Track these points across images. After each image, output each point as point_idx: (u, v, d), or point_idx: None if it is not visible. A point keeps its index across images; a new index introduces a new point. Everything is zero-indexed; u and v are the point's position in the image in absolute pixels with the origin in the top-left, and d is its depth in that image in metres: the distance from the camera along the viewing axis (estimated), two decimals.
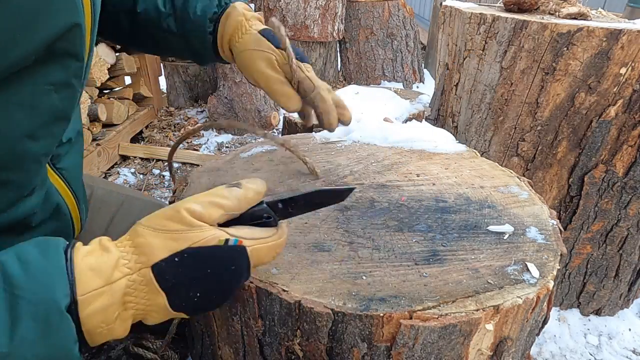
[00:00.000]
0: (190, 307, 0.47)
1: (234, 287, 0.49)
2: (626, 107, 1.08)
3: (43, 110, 0.52)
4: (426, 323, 0.52)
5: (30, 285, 0.37)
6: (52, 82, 0.51)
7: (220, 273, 0.46)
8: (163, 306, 0.45)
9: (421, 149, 1.00)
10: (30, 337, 0.35)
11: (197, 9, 0.76)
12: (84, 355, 1.21)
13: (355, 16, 3.43)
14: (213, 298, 0.48)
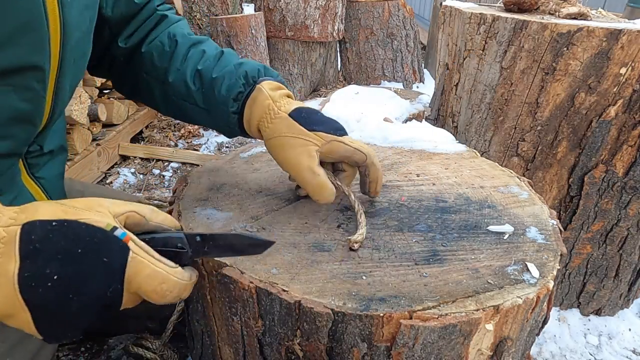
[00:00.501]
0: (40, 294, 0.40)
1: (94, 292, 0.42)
2: (626, 107, 1.08)
3: (4, 110, 0.52)
4: (426, 323, 0.52)
5: None
6: (9, 83, 0.51)
7: (89, 258, 0.42)
8: (10, 276, 0.39)
9: (421, 149, 1.00)
10: None
11: (222, 87, 0.75)
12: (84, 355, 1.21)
13: (355, 16, 3.43)
14: (68, 291, 0.41)
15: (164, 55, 0.79)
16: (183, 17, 0.88)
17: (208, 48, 0.80)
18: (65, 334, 0.43)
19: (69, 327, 0.42)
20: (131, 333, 1.18)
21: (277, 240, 0.66)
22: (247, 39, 2.82)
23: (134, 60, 0.82)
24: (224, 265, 0.61)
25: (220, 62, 0.78)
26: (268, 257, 0.63)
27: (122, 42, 0.79)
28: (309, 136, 0.69)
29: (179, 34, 0.81)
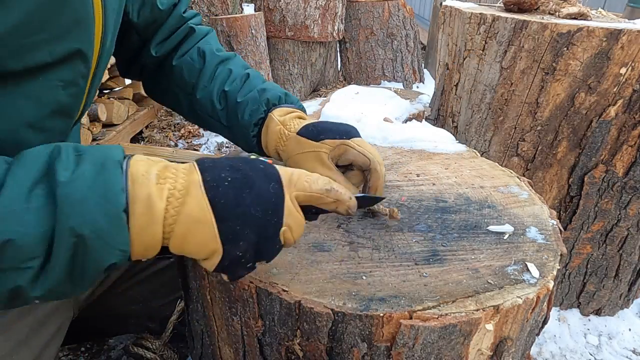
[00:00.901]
0: (220, 192, 0.47)
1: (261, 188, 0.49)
2: (626, 107, 1.08)
3: (48, 103, 0.55)
4: (426, 323, 0.52)
5: (93, 149, 0.45)
6: (62, 79, 0.55)
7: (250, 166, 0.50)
8: (196, 181, 0.47)
9: (421, 149, 1.00)
10: (86, 174, 0.42)
11: (245, 112, 0.79)
12: (84, 355, 1.21)
13: (355, 16, 3.43)
14: (242, 187, 0.48)
15: (193, 71, 0.84)
16: (211, 29, 0.92)
17: (235, 67, 0.85)
18: (240, 236, 0.47)
19: (245, 226, 0.47)
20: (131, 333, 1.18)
21: None
22: (247, 39, 2.82)
23: (164, 70, 0.87)
24: None
25: (246, 86, 0.82)
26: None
27: (153, 50, 0.84)
28: (317, 146, 0.72)
29: (208, 51, 0.86)
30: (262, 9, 3.13)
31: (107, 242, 0.42)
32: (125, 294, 1.01)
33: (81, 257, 0.42)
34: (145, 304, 1.04)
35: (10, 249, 0.39)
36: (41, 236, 0.40)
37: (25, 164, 0.42)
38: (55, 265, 0.41)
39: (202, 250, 0.48)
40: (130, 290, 1.01)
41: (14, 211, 0.39)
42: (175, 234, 0.46)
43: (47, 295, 0.43)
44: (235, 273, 0.52)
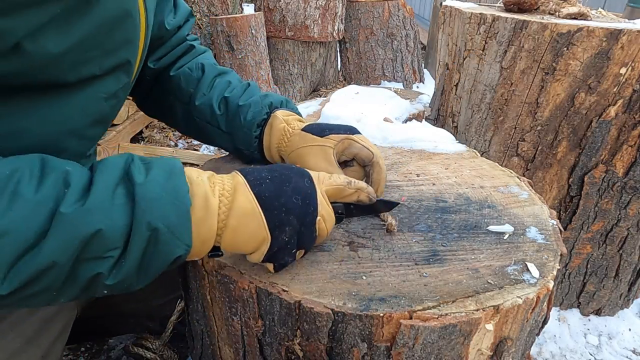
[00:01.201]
0: (263, 187, 0.54)
1: (297, 183, 0.56)
2: (626, 107, 1.08)
3: (92, 113, 0.59)
4: (426, 323, 0.52)
5: (156, 160, 0.52)
6: (106, 91, 0.59)
7: (285, 167, 0.59)
8: (242, 182, 0.54)
9: (421, 149, 1.00)
10: (158, 178, 0.49)
11: (248, 114, 0.82)
12: (84, 355, 1.22)
13: (355, 16, 3.43)
14: (280, 182, 0.55)
15: (191, 81, 0.86)
16: (208, 49, 0.96)
17: (233, 79, 0.88)
18: (285, 223, 0.54)
19: (289, 213, 0.54)
20: (131, 333, 1.18)
21: None
22: (247, 39, 2.82)
23: (160, 81, 0.89)
24: (224, 265, 0.61)
25: (247, 92, 0.85)
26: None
27: (151, 64, 0.85)
28: (322, 141, 0.75)
29: (207, 64, 0.89)
30: (262, 9, 3.13)
31: (176, 236, 0.48)
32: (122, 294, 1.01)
33: (152, 249, 0.47)
34: (145, 303, 1.04)
35: (99, 239, 0.44)
36: (123, 229, 0.46)
37: (107, 169, 0.48)
38: (130, 256, 0.46)
39: (253, 239, 0.54)
40: None
41: (103, 206, 0.45)
42: (228, 227, 0.52)
43: (116, 286, 0.48)
44: (281, 260, 0.57)
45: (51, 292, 0.45)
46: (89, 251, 0.44)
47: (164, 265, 0.49)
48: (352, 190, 0.64)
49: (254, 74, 2.90)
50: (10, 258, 0.41)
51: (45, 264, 0.43)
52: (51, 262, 0.43)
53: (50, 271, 0.43)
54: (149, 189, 0.47)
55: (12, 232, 0.41)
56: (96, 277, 0.46)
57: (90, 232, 0.44)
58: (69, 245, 0.43)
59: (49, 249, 0.42)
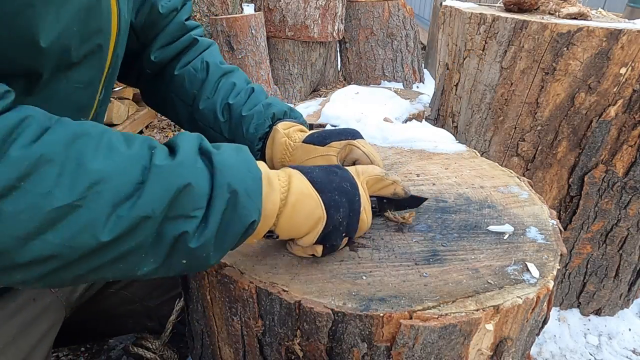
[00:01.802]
0: (319, 182, 0.57)
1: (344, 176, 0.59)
2: (626, 107, 1.08)
3: (71, 103, 0.60)
4: (426, 323, 0.52)
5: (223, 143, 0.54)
6: (81, 80, 0.60)
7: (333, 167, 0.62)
8: (295, 172, 0.58)
9: (421, 149, 1.00)
10: (229, 151, 0.52)
11: (250, 126, 0.81)
12: (83, 355, 1.22)
13: (355, 16, 3.43)
14: (332, 177, 0.59)
15: (195, 82, 0.85)
16: (213, 42, 0.93)
17: (238, 80, 0.87)
18: (339, 203, 0.57)
19: (341, 195, 0.58)
20: (130, 333, 1.18)
21: (278, 241, 0.66)
22: (247, 39, 2.82)
23: (164, 78, 0.87)
24: (224, 265, 0.61)
25: (251, 100, 0.84)
26: (268, 257, 0.63)
27: (153, 56, 0.84)
28: (325, 150, 0.74)
29: (212, 63, 0.87)
30: (262, 9, 3.13)
31: (253, 200, 0.50)
32: (118, 294, 1.00)
33: (231, 211, 0.49)
34: (141, 304, 1.03)
35: (187, 195, 0.46)
36: (206, 189, 0.47)
37: (184, 140, 0.50)
38: (212, 217, 0.47)
39: (310, 218, 0.56)
40: (124, 290, 1.01)
41: (190, 165, 0.47)
42: (287, 205, 0.54)
43: (197, 251, 0.48)
44: (333, 241, 0.59)
45: (142, 251, 0.45)
46: (177, 207, 0.45)
47: (240, 230, 0.50)
48: (389, 182, 0.65)
49: (254, 74, 2.90)
50: (111, 203, 0.42)
51: (142, 213, 0.43)
52: (148, 213, 0.43)
53: (145, 224, 0.44)
54: (225, 157, 0.50)
55: (113, 179, 0.42)
56: (181, 237, 0.46)
57: (182, 184, 0.45)
58: (163, 196, 0.44)
59: (146, 198, 0.43)
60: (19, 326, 0.75)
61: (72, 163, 0.41)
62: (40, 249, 0.40)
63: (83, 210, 0.40)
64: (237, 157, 0.52)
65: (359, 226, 0.61)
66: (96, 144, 0.44)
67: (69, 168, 0.41)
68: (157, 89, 0.89)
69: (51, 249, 0.40)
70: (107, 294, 0.99)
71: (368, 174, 0.64)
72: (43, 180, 0.39)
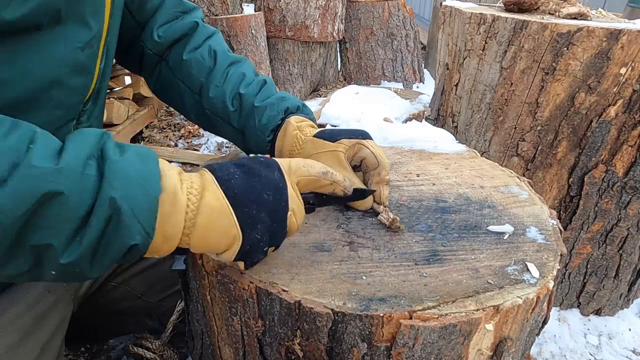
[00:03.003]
0: (232, 183, 0.52)
1: (267, 176, 0.55)
2: (626, 107, 1.08)
3: (70, 62, 0.61)
4: (426, 323, 0.52)
5: (131, 145, 0.50)
6: (79, 41, 0.61)
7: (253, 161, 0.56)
8: (210, 179, 0.53)
9: (421, 149, 1.00)
10: (131, 159, 0.47)
11: (263, 117, 0.80)
12: (83, 355, 1.22)
13: (355, 16, 3.43)
14: (250, 177, 0.54)
15: (203, 69, 0.84)
16: (217, 30, 0.92)
17: (247, 71, 0.85)
18: (257, 220, 0.53)
19: (260, 209, 0.53)
20: (131, 332, 1.18)
21: None
22: (247, 39, 2.82)
23: (169, 63, 0.86)
24: (224, 265, 0.61)
25: (263, 92, 0.83)
26: (268, 257, 0.63)
27: (155, 34, 0.83)
28: (334, 146, 0.74)
29: (219, 51, 0.86)
30: (262, 9, 3.13)
31: (139, 220, 0.45)
32: (119, 289, 1.01)
33: (111, 231, 0.45)
34: (142, 299, 1.04)
35: (58, 203, 0.42)
36: (85, 202, 0.43)
37: (80, 138, 0.47)
38: (88, 234, 0.44)
39: (224, 237, 0.52)
40: (125, 284, 1.01)
41: (72, 170, 0.43)
42: (197, 226, 0.50)
43: (68, 267, 0.44)
44: (253, 258, 0.56)
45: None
46: (41, 216, 0.41)
47: (119, 252, 0.46)
48: (327, 182, 0.62)
49: None
50: None
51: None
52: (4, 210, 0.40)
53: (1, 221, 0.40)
54: (121, 166, 0.46)
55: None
56: (47, 250, 0.43)
57: (50, 191, 0.41)
58: (23, 201, 0.40)
59: (4, 196, 0.39)
60: (36, 317, 0.76)
61: None
62: None
63: None
64: (137, 169, 0.47)
65: (286, 232, 0.57)
66: None
67: None
68: (161, 75, 0.88)
69: None
70: (107, 287, 0.99)
71: (301, 173, 0.59)
72: None
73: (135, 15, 0.82)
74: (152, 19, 0.84)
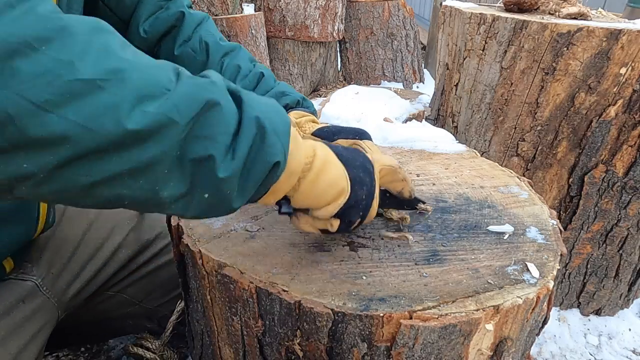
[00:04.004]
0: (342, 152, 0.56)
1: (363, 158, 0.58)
2: (626, 107, 1.08)
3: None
4: (426, 323, 0.52)
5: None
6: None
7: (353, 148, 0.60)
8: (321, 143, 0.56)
9: (421, 149, 1.00)
10: (259, 97, 0.48)
11: None
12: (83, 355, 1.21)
13: (355, 16, 3.43)
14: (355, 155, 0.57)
15: (195, 64, 0.81)
16: (207, 15, 0.87)
17: (243, 62, 0.83)
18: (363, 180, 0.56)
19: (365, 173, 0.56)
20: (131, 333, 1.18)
21: (277, 241, 0.66)
22: (247, 39, 2.82)
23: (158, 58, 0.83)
24: (224, 265, 0.61)
25: (261, 86, 0.81)
26: (268, 257, 0.63)
27: (141, 29, 0.79)
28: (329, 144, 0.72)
29: (211, 42, 0.82)
30: (262, 9, 3.13)
31: (280, 139, 0.47)
32: (116, 297, 0.99)
33: (257, 147, 0.45)
34: (140, 306, 1.03)
35: (215, 114, 0.42)
36: (235, 116, 0.44)
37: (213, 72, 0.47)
38: (239, 148, 0.44)
39: (333, 188, 0.53)
40: (122, 292, 1.00)
41: (221, 86, 0.44)
42: (312, 169, 0.52)
43: (221, 187, 0.44)
44: (352, 216, 0.57)
45: (166, 163, 0.40)
46: (204, 125, 0.41)
47: (264, 170, 0.46)
48: (401, 177, 0.63)
49: None
50: (136, 94, 0.37)
51: (169, 114, 0.39)
52: (174, 117, 0.39)
53: (171, 129, 0.39)
54: (254, 96, 0.48)
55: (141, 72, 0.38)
56: (207, 162, 0.42)
57: (212, 100, 0.42)
58: (192, 106, 0.40)
59: (174, 102, 0.39)
60: (8, 328, 0.74)
61: (98, 44, 0.36)
62: (56, 124, 0.34)
63: (105, 94, 0.35)
64: (266, 100, 0.49)
65: (369, 213, 0.58)
66: (122, 42, 0.39)
67: (94, 47, 0.36)
68: None
69: (67, 127, 0.34)
70: (105, 296, 0.98)
71: (382, 162, 0.61)
72: (65, 49, 0.34)
73: (116, 11, 0.78)
74: (135, 13, 0.80)
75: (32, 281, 0.81)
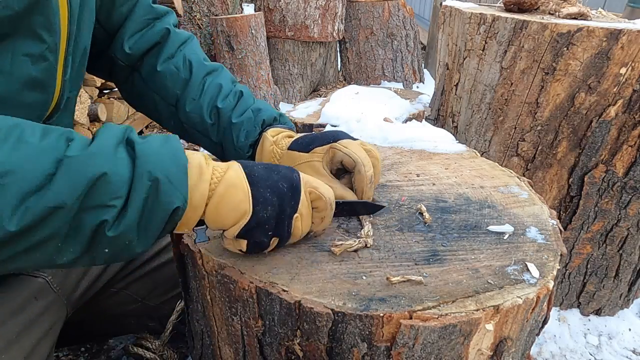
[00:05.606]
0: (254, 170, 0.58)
1: (283, 171, 0.59)
2: (626, 107, 1.08)
3: (19, 77, 0.58)
4: (426, 323, 0.52)
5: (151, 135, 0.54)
6: (27, 53, 0.58)
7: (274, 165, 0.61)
8: (235, 164, 0.58)
9: (421, 149, 1.00)
10: (155, 140, 0.52)
11: (241, 134, 0.81)
12: (83, 355, 1.22)
13: (355, 16, 3.43)
14: (270, 170, 0.59)
15: (178, 81, 0.83)
16: (192, 35, 0.90)
17: (224, 81, 0.85)
18: (268, 202, 0.57)
19: (273, 194, 0.57)
20: (131, 333, 1.18)
21: None
22: (247, 39, 2.82)
23: (142, 73, 0.85)
24: (224, 265, 0.61)
25: (240, 105, 0.83)
26: (268, 257, 0.63)
27: (127, 46, 0.81)
28: (308, 157, 0.74)
29: (195, 61, 0.85)
30: (262, 9, 3.13)
31: (175, 186, 0.50)
32: (120, 294, 1.00)
33: (153, 199, 0.49)
34: (142, 303, 1.03)
35: (103, 184, 0.46)
36: (125, 178, 0.47)
37: (107, 130, 0.50)
38: (132, 205, 0.48)
39: (235, 210, 0.55)
40: (126, 289, 1.00)
41: (107, 153, 0.47)
42: (215, 195, 0.55)
43: (119, 239, 0.48)
44: (256, 238, 0.58)
45: (57, 240, 0.45)
46: (94, 197, 0.45)
47: (163, 218, 0.50)
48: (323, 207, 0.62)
49: (254, 74, 2.90)
50: (17, 195, 0.42)
51: (53, 204, 0.43)
52: (59, 203, 0.43)
53: (58, 213, 0.44)
54: (148, 146, 0.50)
55: (17, 171, 0.42)
56: (100, 227, 0.46)
57: (97, 174, 0.45)
58: (76, 186, 0.44)
59: (57, 190, 0.43)
60: (22, 324, 0.75)
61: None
62: None
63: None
64: (163, 146, 0.52)
65: (291, 232, 0.60)
66: (4, 136, 0.43)
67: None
68: (134, 85, 0.86)
69: None
70: (108, 293, 0.99)
71: (310, 185, 0.62)
72: None
73: (103, 25, 0.79)
74: (122, 28, 0.81)
75: (43, 277, 0.82)
